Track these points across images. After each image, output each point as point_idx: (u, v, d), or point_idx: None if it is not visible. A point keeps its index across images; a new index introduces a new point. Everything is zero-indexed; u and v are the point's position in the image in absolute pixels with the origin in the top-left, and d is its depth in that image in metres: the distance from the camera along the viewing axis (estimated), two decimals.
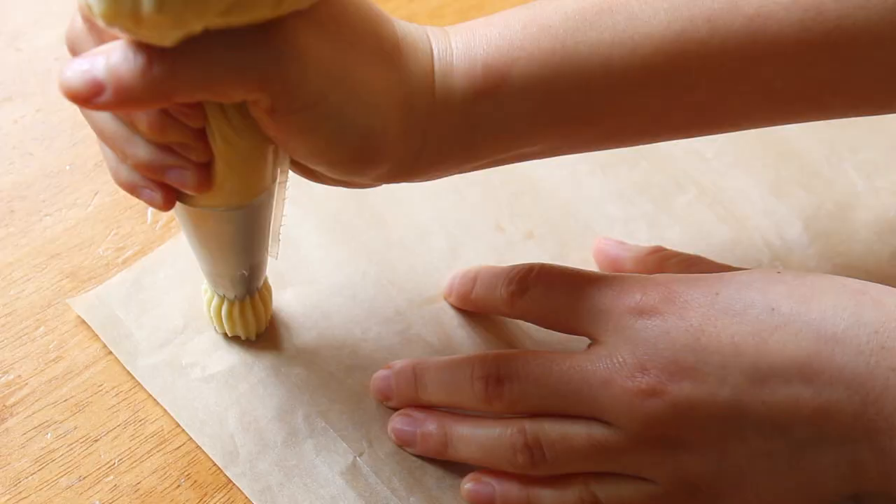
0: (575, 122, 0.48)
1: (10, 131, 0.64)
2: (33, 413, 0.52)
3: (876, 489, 0.44)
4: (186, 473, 0.51)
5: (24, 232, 0.59)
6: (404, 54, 0.45)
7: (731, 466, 0.46)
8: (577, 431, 0.48)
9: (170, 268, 0.58)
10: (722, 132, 0.52)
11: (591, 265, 0.61)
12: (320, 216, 0.61)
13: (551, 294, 0.51)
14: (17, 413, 0.52)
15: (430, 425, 0.52)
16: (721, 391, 0.45)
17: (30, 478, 0.50)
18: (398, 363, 0.54)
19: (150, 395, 0.53)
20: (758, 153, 0.67)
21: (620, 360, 0.47)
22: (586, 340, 0.50)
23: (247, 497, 0.50)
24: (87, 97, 0.39)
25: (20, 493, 0.50)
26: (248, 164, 0.45)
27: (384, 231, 0.62)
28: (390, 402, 0.54)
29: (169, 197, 0.45)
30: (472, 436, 0.51)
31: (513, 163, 0.51)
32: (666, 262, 0.57)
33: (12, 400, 0.53)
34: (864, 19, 0.46)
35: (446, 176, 0.50)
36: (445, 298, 0.59)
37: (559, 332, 0.52)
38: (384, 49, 0.45)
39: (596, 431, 0.47)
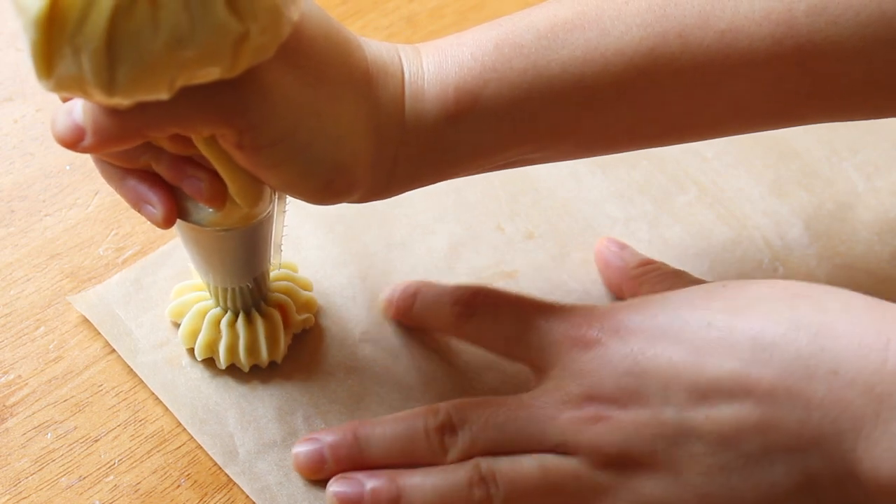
0: (547, 138, 0.48)
1: (10, 131, 0.64)
2: (33, 413, 0.52)
3: (831, 499, 0.43)
4: (186, 473, 0.51)
5: (24, 232, 0.59)
6: (374, 80, 0.45)
7: (687, 486, 0.45)
8: (530, 461, 0.48)
9: (170, 268, 0.58)
10: (695, 141, 0.52)
11: (591, 265, 0.61)
12: (320, 217, 0.61)
13: (499, 321, 0.52)
14: (17, 413, 0.52)
15: (376, 482, 0.49)
16: (665, 411, 0.45)
17: (30, 478, 0.50)
18: (322, 434, 0.51)
19: (151, 396, 0.53)
20: (758, 153, 0.67)
21: (568, 393, 0.47)
22: None
23: (247, 497, 0.50)
24: (74, 142, 0.41)
25: (20, 493, 0.50)
26: (243, 190, 0.45)
27: (384, 231, 0.61)
28: (322, 474, 0.51)
29: (169, 215, 0.46)
30: (424, 482, 0.49)
31: (489, 171, 0.51)
32: (646, 276, 0.57)
33: (12, 400, 0.53)
34: (835, 34, 0.46)
35: (420, 187, 0.50)
36: (384, 312, 0.58)
37: (506, 358, 0.53)
38: (354, 77, 0.45)
39: (548, 460, 0.47)
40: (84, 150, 0.41)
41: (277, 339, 0.54)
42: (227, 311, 0.54)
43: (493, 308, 0.52)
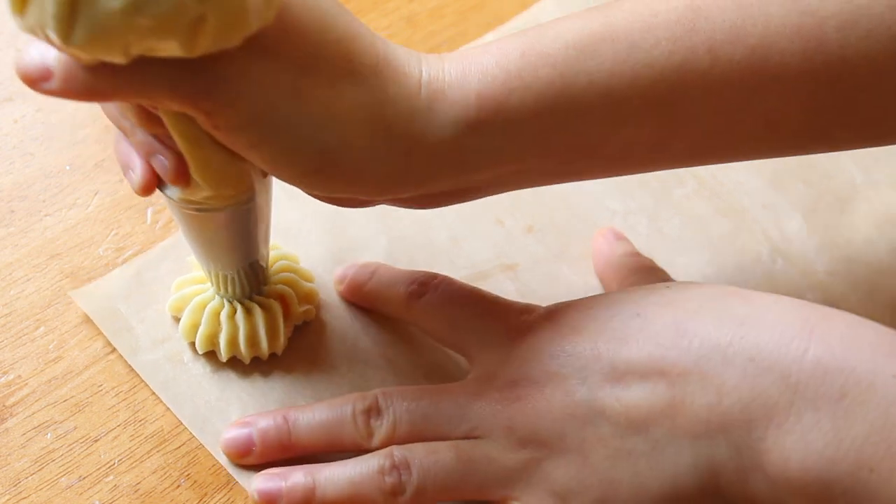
0: (571, 151, 0.47)
1: (10, 131, 0.64)
2: (33, 413, 0.52)
3: (735, 495, 0.43)
4: (186, 473, 0.51)
5: (24, 232, 0.59)
6: (383, 76, 0.45)
7: (593, 470, 0.45)
8: (444, 445, 0.48)
9: (172, 262, 0.58)
10: (725, 162, 0.51)
11: (591, 258, 0.61)
12: (320, 212, 0.61)
13: (449, 304, 0.53)
14: (17, 413, 0.52)
15: (295, 476, 0.49)
16: (579, 390, 0.45)
17: (30, 478, 0.50)
18: (254, 417, 0.51)
19: (151, 395, 0.53)
20: None
21: (494, 378, 0.48)
22: None
23: (246, 497, 0.51)
24: (37, 79, 0.40)
25: (20, 493, 0.50)
26: (202, 171, 0.45)
27: (384, 226, 0.62)
28: (249, 458, 0.51)
29: (148, 184, 0.46)
30: (340, 473, 0.49)
31: (507, 190, 0.50)
32: (623, 266, 0.57)
33: (12, 400, 0.53)
34: (865, 49, 0.45)
35: (438, 190, 0.48)
36: (336, 287, 0.58)
37: (445, 346, 0.54)
38: (356, 70, 0.44)
39: (462, 444, 0.48)
40: (44, 92, 0.41)
41: (277, 331, 0.54)
42: (225, 302, 0.54)
43: (446, 291, 0.53)
